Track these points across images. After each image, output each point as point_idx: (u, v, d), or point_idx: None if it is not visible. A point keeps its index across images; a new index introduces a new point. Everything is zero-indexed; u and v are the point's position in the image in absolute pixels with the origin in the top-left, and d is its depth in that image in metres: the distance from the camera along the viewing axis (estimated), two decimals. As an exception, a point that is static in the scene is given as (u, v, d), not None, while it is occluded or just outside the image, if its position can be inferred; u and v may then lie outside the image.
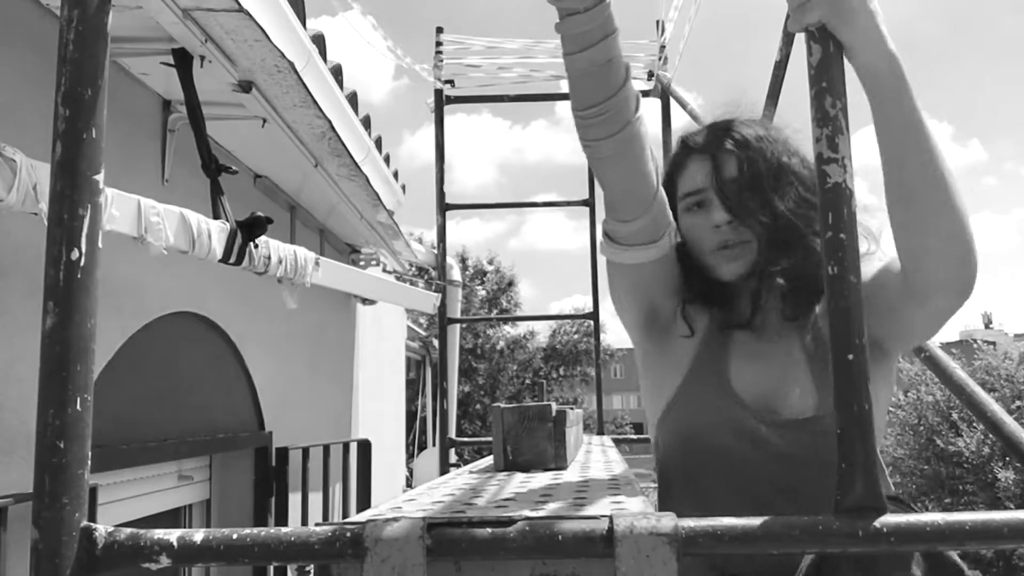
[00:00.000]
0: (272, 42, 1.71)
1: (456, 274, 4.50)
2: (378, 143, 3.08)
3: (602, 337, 3.88)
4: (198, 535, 0.56)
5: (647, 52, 3.41)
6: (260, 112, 2.06)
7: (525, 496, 0.84)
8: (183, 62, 1.75)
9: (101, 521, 0.58)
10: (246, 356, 2.69)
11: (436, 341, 4.57)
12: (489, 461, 1.34)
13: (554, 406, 1.20)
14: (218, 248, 1.73)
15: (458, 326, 4.89)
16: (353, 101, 2.68)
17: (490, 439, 1.24)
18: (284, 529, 0.57)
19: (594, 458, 1.40)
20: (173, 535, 0.56)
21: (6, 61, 1.58)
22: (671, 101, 3.38)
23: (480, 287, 16.35)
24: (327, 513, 3.34)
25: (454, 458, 3.88)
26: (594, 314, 3.59)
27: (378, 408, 4.51)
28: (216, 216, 1.79)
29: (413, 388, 7.80)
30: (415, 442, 7.40)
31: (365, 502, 3.62)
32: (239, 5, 1.54)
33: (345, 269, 2.85)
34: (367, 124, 2.90)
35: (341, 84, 2.50)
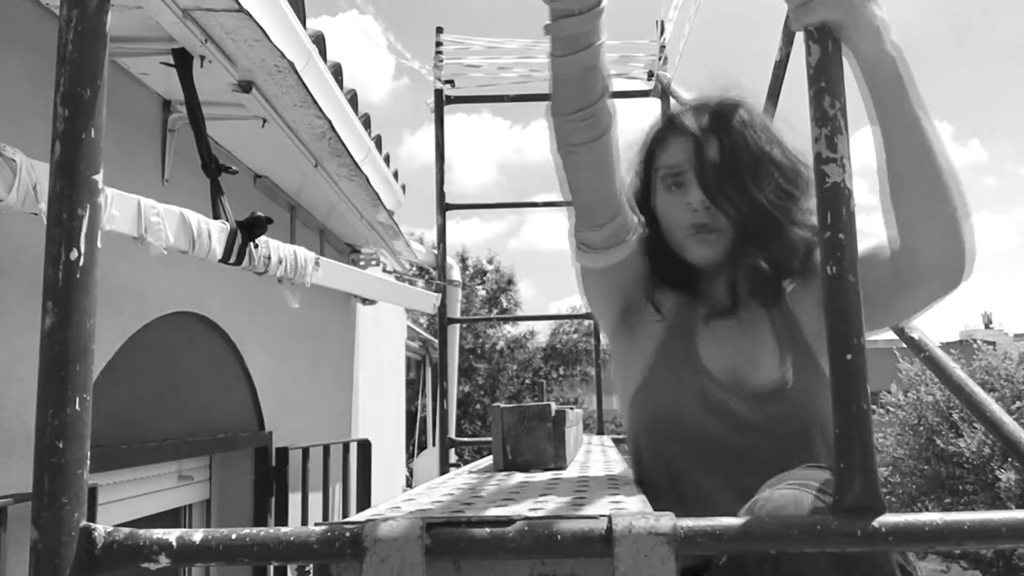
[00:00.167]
0: (272, 42, 1.71)
1: (456, 274, 4.49)
2: (378, 143, 3.08)
3: (602, 337, 3.88)
4: (197, 535, 0.56)
5: (647, 52, 3.40)
6: (260, 112, 2.06)
7: (524, 496, 0.84)
8: (183, 62, 1.75)
9: (101, 521, 0.58)
10: (246, 356, 2.69)
11: (436, 340, 4.57)
12: (489, 461, 1.34)
13: (554, 406, 1.20)
14: (218, 248, 1.73)
15: (458, 326, 4.89)
16: (353, 101, 2.68)
17: (490, 439, 1.24)
18: (283, 529, 0.57)
19: (594, 458, 1.40)
20: (172, 535, 0.56)
21: (6, 61, 1.58)
22: (671, 101, 3.38)
23: (480, 287, 16.34)
24: (327, 513, 3.34)
25: (454, 458, 3.87)
26: (593, 314, 3.58)
27: (378, 408, 4.51)
28: (216, 216, 1.79)
29: (413, 388, 7.80)
30: (415, 442, 7.40)
31: (365, 502, 3.61)
32: (239, 5, 1.54)
33: (345, 269, 2.85)
34: (367, 124, 2.90)
35: (341, 84, 2.50)
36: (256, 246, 1.86)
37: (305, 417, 3.31)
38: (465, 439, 4.10)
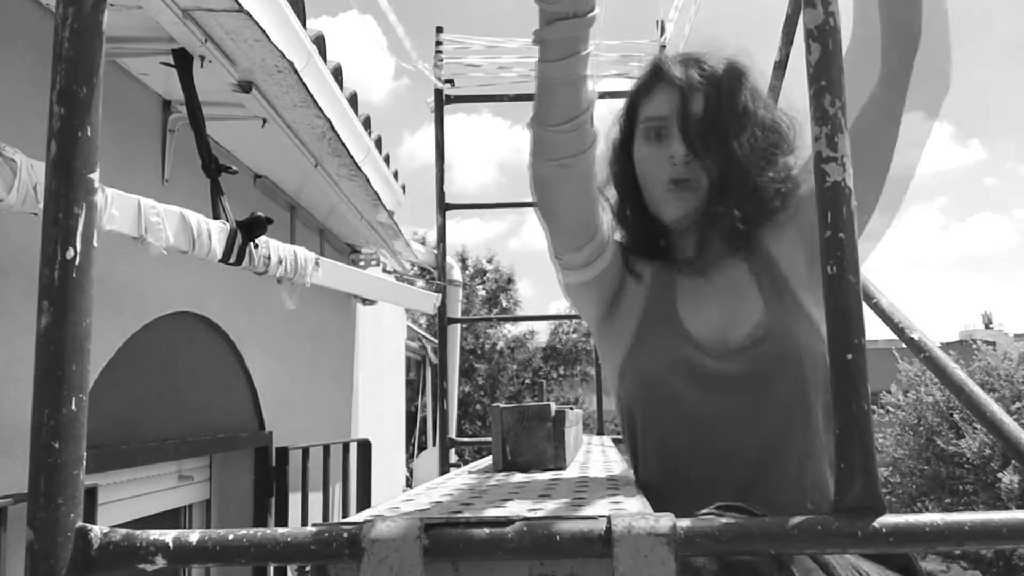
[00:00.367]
0: (272, 42, 1.71)
1: (456, 274, 4.49)
2: (378, 143, 3.08)
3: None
4: (194, 536, 0.56)
5: (647, 52, 3.40)
6: (260, 112, 2.05)
7: (523, 496, 0.83)
8: (183, 62, 1.75)
9: (101, 521, 0.58)
10: (246, 356, 2.69)
11: (435, 340, 4.57)
12: (488, 461, 1.34)
13: (553, 406, 1.20)
14: (218, 248, 1.73)
15: (458, 326, 4.89)
16: (353, 101, 2.67)
17: (490, 439, 1.24)
18: (280, 530, 0.56)
19: (593, 458, 1.39)
20: (169, 536, 0.55)
21: (6, 61, 1.58)
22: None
23: (480, 287, 16.33)
24: (327, 513, 3.34)
25: (454, 458, 3.87)
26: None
27: (378, 408, 4.51)
28: (216, 216, 1.78)
29: (413, 388, 7.80)
30: (415, 442, 7.40)
31: (365, 502, 3.61)
32: (239, 5, 1.54)
33: (345, 269, 2.85)
34: (367, 124, 2.90)
35: (341, 84, 2.50)
36: (256, 246, 1.86)
37: (305, 417, 3.31)
38: (465, 439, 4.10)
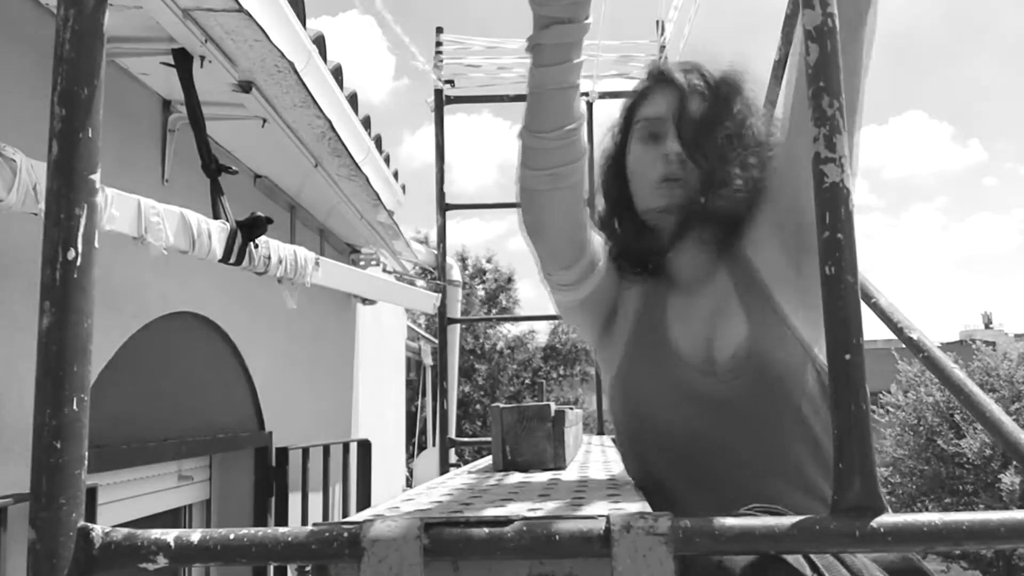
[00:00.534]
0: (272, 42, 1.71)
1: (456, 274, 4.49)
2: (378, 143, 3.08)
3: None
4: (195, 535, 0.56)
5: (647, 52, 3.40)
6: (260, 112, 2.06)
7: (523, 496, 0.84)
8: (183, 62, 1.75)
9: (101, 521, 0.58)
10: (246, 356, 2.69)
11: (435, 340, 4.57)
12: (488, 461, 1.34)
13: (553, 406, 1.20)
14: (218, 248, 1.73)
15: (458, 326, 4.89)
16: (353, 101, 2.67)
17: (490, 439, 1.24)
18: (281, 529, 0.57)
19: (593, 458, 1.40)
20: (170, 535, 0.56)
21: (6, 61, 1.58)
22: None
23: (480, 286, 16.33)
24: (327, 513, 3.34)
25: (454, 458, 3.87)
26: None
27: (378, 408, 4.51)
28: (216, 216, 1.79)
29: (413, 388, 7.79)
30: (415, 442, 7.40)
31: (365, 502, 3.61)
32: (239, 5, 1.54)
33: (345, 269, 2.85)
34: (367, 124, 2.90)
35: (341, 84, 2.50)
36: (256, 246, 1.86)
37: (305, 417, 3.31)
38: (465, 439, 4.10)
